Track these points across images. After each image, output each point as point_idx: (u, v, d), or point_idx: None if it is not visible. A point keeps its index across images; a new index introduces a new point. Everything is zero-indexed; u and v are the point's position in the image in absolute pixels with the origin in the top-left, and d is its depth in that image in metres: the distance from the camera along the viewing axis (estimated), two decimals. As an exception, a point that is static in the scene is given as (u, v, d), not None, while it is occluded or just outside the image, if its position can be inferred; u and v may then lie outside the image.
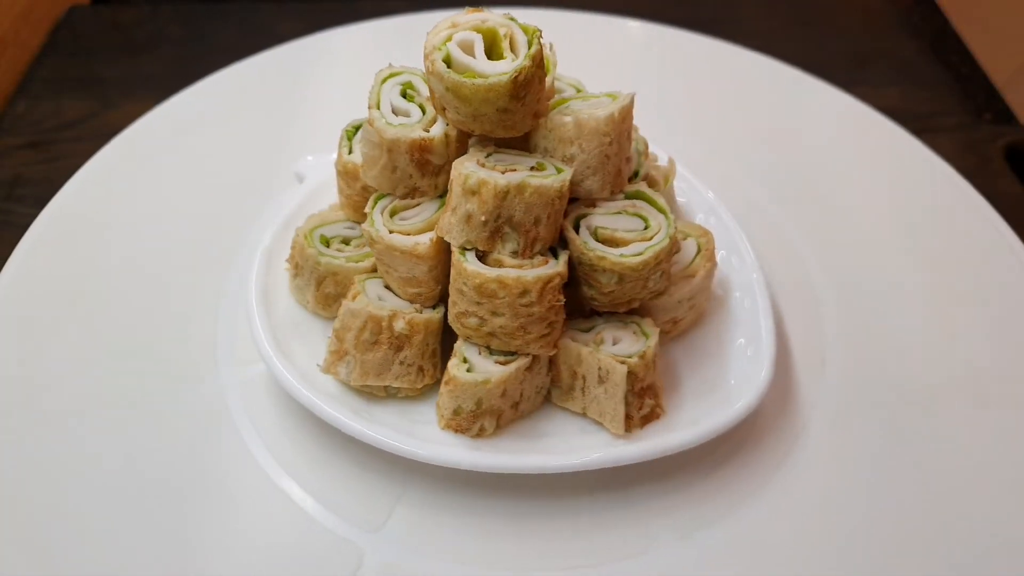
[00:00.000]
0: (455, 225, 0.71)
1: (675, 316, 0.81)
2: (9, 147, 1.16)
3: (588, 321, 0.78)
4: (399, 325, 0.74)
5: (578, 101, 0.77)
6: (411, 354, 0.75)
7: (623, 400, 0.72)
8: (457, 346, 0.74)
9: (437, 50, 0.67)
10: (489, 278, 0.69)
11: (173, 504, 0.74)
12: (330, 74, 1.21)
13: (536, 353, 0.74)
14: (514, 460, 0.73)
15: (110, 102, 1.23)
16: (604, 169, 0.73)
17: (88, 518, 0.73)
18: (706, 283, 0.81)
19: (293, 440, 0.79)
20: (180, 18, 1.41)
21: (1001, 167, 1.14)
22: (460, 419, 0.73)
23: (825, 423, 0.82)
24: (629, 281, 0.72)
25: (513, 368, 0.72)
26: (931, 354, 0.88)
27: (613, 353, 0.73)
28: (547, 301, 0.70)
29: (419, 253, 0.72)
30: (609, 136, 0.71)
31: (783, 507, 0.76)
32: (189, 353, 0.86)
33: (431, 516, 0.74)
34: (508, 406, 0.75)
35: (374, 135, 0.73)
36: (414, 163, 0.74)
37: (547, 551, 0.72)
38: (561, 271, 0.71)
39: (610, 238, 0.73)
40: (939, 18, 1.42)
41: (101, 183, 1.03)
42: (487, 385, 0.71)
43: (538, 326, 0.71)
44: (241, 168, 1.06)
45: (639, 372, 0.72)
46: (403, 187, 0.76)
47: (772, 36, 1.31)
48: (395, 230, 0.74)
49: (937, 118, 1.22)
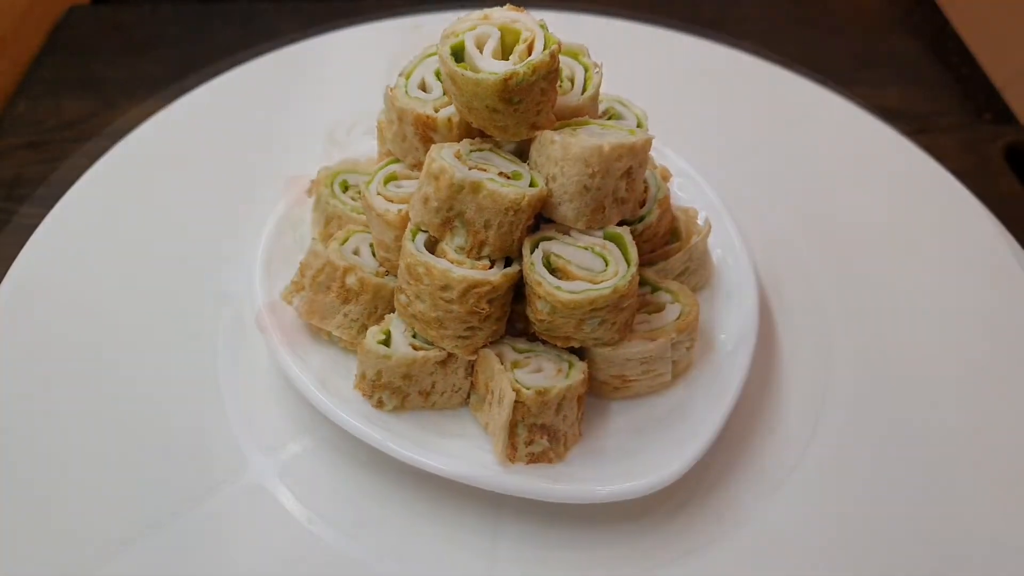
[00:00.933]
0: (416, 204, 0.72)
1: (624, 374, 0.77)
2: (9, 147, 1.16)
3: (528, 343, 0.77)
4: (351, 280, 0.77)
5: (594, 126, 0.74)
6: (356, 310, 0.78)
7: (506, 427, 0.70)
8: (388, 317, 0.76)
9: (454, 35, 0.69)
10: (419, 261, 0.70)
11: (146, 466, 0.77)
12: (334, 75, 1.21)
13: (450, 351, 0.73)
14: (391, 441, 0.73)
15: (110, 102, 1.23)
16: (581, 199, 0.70)
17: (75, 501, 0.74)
18: (664, 354, 0.76)
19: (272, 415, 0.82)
20: (180, 18, 1.41)
21: (1001, 167, 1.14)
22: (363, 384, 0.76)
23: (816, 426, 0.82)
24: (561, 316, 0.70)
25: (420, 355, 0.73)
26: (927, 354, 0.88)
27: (519, 380, 0.71)
28: (469, 304, 0.69)
29: (388, 220, 0.75)
30: (592, 168, 0.68)
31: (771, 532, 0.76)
32: (187, 343, 0.87)
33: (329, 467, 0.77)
34: (414, 391, 0.75)
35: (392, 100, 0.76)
36: (419, 136, 0.75)
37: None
38: (494, 281, 0.69)
39: (562, 268, 0.71)
40: (939, 18, 1.42)
41: (107, 187, 1.03)
42: (387, 360, 0.72)
43: (456, 325, 0.71)
44: (246, 172, 1.06)
45: (532, 406, 0.70)
46: (411, 157, 0.78)
47: (772, 36, 1.31)
48: (383, 194, 0.76)
49: (937, 118, 1.22)
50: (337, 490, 0.77)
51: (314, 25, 1.28)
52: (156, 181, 1.04)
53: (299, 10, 1.41)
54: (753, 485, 0.77)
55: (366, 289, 0.77)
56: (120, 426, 0.80)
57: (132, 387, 0.83)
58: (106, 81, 1.28)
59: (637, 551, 0.73)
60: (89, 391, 0.82)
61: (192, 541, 0.73)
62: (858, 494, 0.77)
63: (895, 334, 0.90)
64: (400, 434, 0.74)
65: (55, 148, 1.14)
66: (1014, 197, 1.10)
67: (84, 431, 0.79)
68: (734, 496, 0.76)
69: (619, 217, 0.74)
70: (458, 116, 0.74)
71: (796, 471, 0.78)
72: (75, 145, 1.09)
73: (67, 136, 1.17)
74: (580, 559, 0.72)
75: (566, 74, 0.77)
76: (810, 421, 0.82)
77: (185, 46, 1.35)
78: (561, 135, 0.70)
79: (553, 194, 0.71)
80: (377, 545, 0.73)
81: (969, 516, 0.75)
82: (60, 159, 1.07)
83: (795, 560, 0.73)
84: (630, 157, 0.70)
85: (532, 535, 0.74)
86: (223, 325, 0.88)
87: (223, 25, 1.39)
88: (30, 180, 1.08)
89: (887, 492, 0.77)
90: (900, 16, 1.42)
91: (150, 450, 0.78)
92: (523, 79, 0.66)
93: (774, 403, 0.83)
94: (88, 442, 0.79)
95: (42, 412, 0.81)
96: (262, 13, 1.41)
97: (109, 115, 1.15)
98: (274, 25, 1.36)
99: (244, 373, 0.84)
